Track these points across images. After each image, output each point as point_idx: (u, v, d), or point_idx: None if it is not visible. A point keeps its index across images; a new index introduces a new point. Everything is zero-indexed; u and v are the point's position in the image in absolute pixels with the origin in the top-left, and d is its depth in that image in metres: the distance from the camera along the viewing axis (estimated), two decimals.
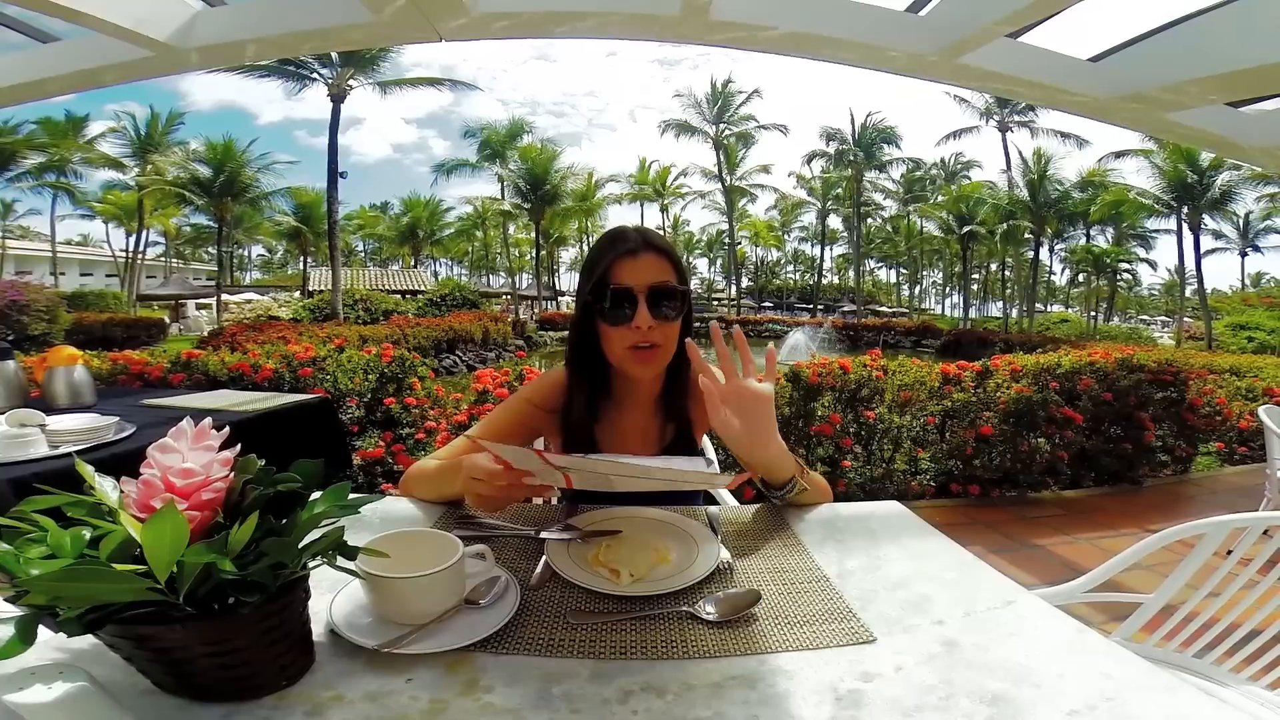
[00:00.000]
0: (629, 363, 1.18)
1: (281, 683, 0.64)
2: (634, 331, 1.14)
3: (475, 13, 2.54)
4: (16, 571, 0.52)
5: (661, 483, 0.86)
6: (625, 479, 0.86)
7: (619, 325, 1.15)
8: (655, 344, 1.16)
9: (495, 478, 0.91)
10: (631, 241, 1.17)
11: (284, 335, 10.30)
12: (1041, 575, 3.02)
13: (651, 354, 1.17)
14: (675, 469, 0.82)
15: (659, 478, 0.83)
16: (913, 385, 4.37)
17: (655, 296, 1.14)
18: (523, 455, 0.86)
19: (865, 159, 33.94)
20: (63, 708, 0.48)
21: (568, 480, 0.90)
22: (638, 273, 1.14)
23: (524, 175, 27.60)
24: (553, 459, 0.81)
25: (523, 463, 0.89)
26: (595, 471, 0.84)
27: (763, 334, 29.58)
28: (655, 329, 1.14)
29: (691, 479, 0.83)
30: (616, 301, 1.14)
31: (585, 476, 0.88)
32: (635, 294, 1.13)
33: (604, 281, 1.15)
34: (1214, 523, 1.31)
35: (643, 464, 0.82)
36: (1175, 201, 23.64)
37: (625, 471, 0.82)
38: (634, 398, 1.30)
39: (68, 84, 3.15)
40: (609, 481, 0.89)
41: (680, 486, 0.85)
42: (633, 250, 1.16)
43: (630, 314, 1.13)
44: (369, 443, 3.93)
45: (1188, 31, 2.55)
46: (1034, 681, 0.68)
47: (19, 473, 1.62)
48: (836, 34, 2.66)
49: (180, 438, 0.64)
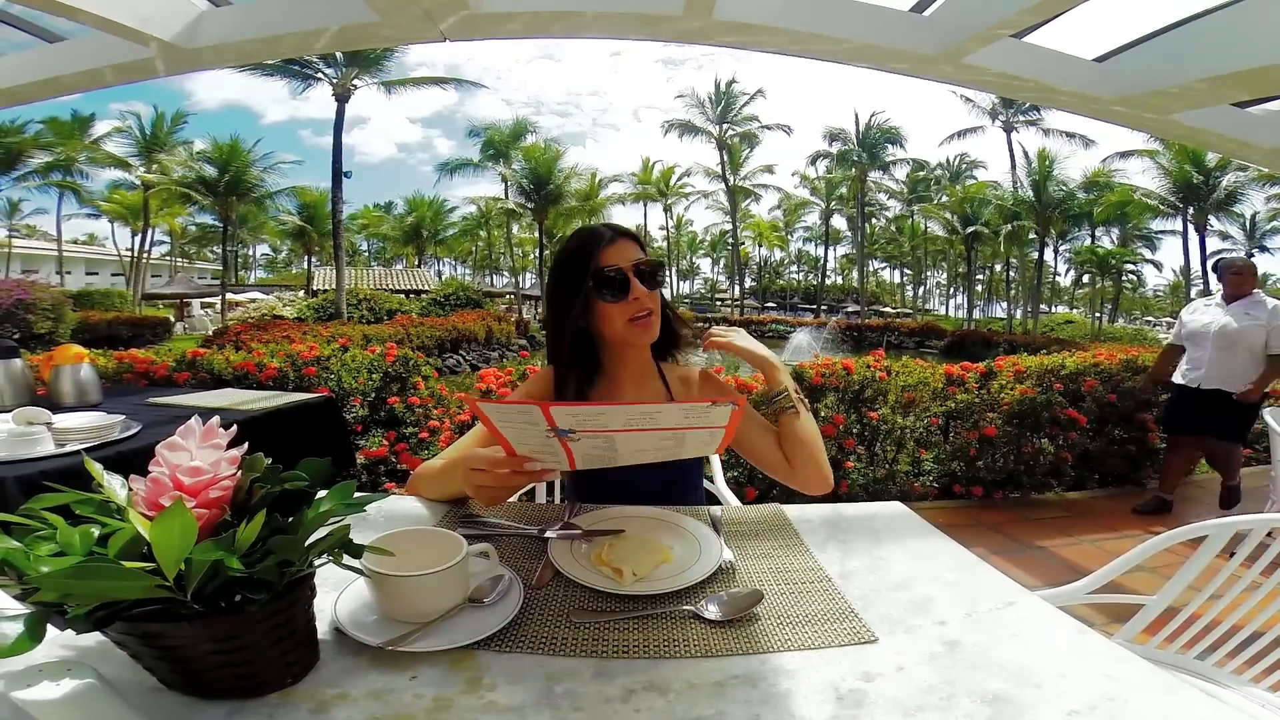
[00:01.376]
0: (631, 333, 1.30)
1: (287, 680, 0.64)
2: (633, 303, 1.28)
3: (479, 12, 2.55)
4: (26, 569, 0.52)
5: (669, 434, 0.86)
6: (630, 441, 0.86)
7: (618, 301, 1.28)
8: (651, 310, 1.30)
9: (496, 465, 0.92)
10: (606, 234, 1.33)
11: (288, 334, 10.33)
12: (1044, 577, 3.02)
13: (649, 320, 1.30)
14: (680, 406, 0.84)
15: (666, 424, 0.84)
16: (916, 386, 4.36)
17: (641, 272, 1.29)
18: (524, 413, 0.85)
19: (869, 159, 33.91)
20: (70, 705, 0.49)
21: (570, 460, 0.89)
22: (621, 255, 1.29)
23: (527, 175, 27.63)
24: (557, 413, 0.81)
25: (526, 431, 0.88)
26: (602, 430, 0.84)
27: (766, 334, 29.56)
28: (649, 297, 1.30)
29: (696, 416, 0.84)
30: (612, 282, 1.27)
31: (588, 448, 0.88)
32: (626, 271, 1.27)
33: (598, 268, 1.27)
34: (1217, 524, 1.31)
35: (648, 409, 0.83)
36: (1181, 202, 23.58)
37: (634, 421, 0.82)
38: (627, 371, 1.40)
39: (74, 83, 3.17)
40: (614, 451, 0.89)
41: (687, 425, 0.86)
42: (610, 239, 1.31)
43: (626, 290, 1.27)
44: (373, 442, 3.94)
45: (1193, 31, 2.54)
46: (1035, 682, 0.68)
47: (26, 470, 1.63)
48: (840, 34, 2.66)
49: (188, 436, 0.65)
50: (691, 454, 0.94)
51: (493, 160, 29.62)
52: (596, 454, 0.90)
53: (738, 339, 1.35)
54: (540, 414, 0.81)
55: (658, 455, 0.92)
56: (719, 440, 0.90)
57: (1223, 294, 3.89)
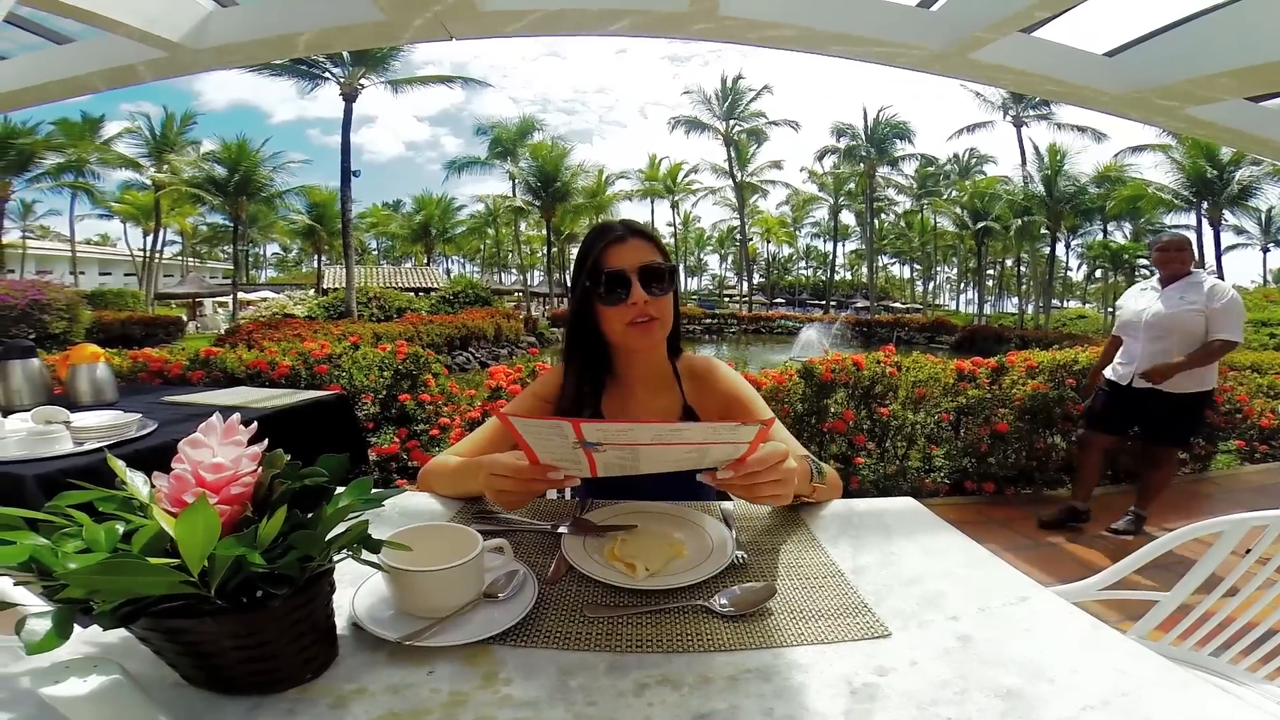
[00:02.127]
0: (629, 337, 1.25)
1: (306, 675, 0.65)
2: (631, 308, 1.22)
3: (485, 10, 2.55)
4: (54, 565, 0.53)
5: (693, 448, 0.86)
6: (654, 453, 0.86)
7: (616, 305, 1.22)
8: (651, 317, 1.24)
9: (519, 474, 0.92)
10: (618, 230, 1.27)
11: (299, 333, 10.41)
12: (1056, 573, 3.00)
13: (649, 326, 1.24)
14: (708, 425, 0.84)
15: (693, 439, 0.85)
16: (927, 382, 4.34)
17: (646, 275, 1.22)
18: (555, 428, 0.85)
19: (878, 155, 33.72)
20: (98, 701, 0.49)
21: (592, 467, 0.90)
22: (627, 256, 1.23)
23: (535, 173, 27.67)
24: (587, 429, 0.81)
25: (553, 442, 0.89)
26: (629, 444, 0.84)
27: (775, 330, 29.46)
28: (650, 304, 1.22)
29: (723, 434, 0.84)
30: (612, 284, 1.22)
31: (612, 458, 0.88)
32: (628, 275, 1.21)
33: (598, 267, 1.23)
34: (1232, 520, 1.30)
35: (677, 426, 0.83)
36: (1195, 197, 23.30)
37: (662, 436, 0.82)
38: (639, 377, 1.36)
39: (83, 85, 3.18)
40: (636, 461, 0.90)
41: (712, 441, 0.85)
42: (620, 237, 1.25)
43: (625, 293, 1.21)
44: (384, 439, 3.97)
45: (1206, 25, 2.51)
46: (1049, 677, 0.68)
47: (46, 469, 1.65)
48: (847, 30, 2.65)
49: (210, 433, 0.65)
50: (713, 465, 0.92)
51: (500, 158, 29.68)
52: (619, 463, 0.91)
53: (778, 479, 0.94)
54: (571, 429, 0.82)
55: (679, 466, 0.92)
56: (741, 455, 0.90)
57: (1158, 276, 3.43)
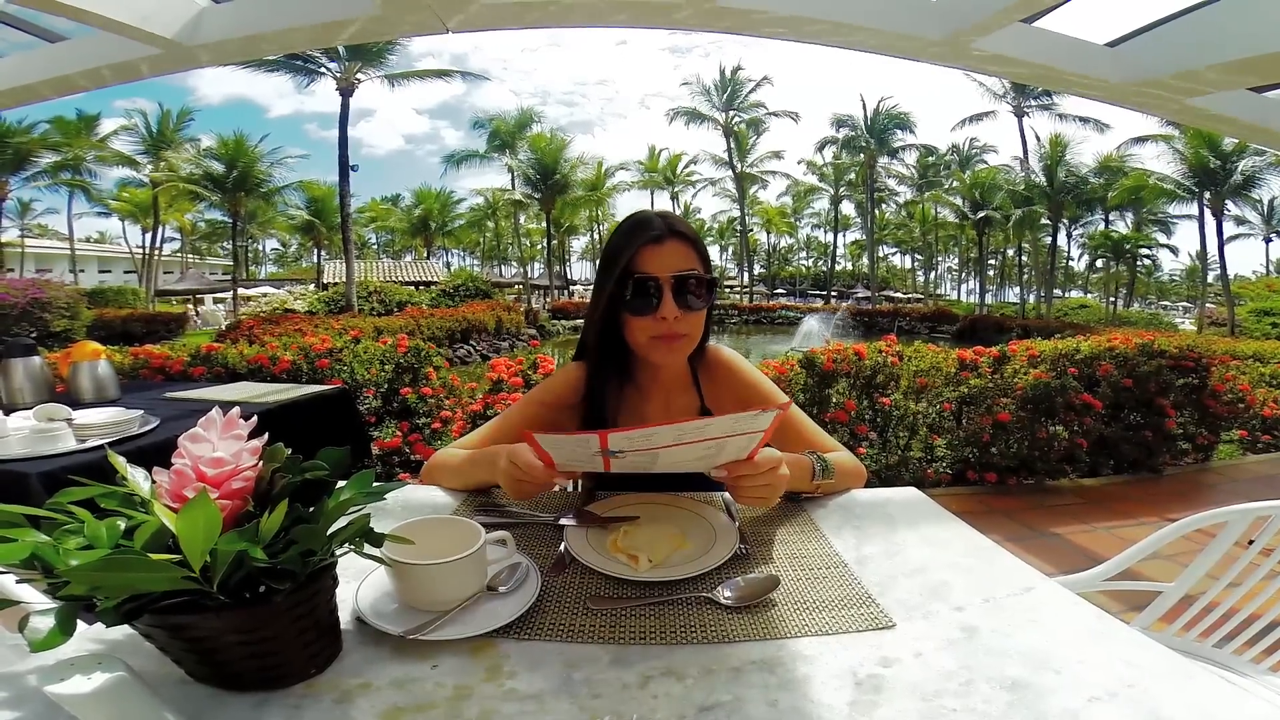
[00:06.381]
0: (653, 351, 1.15)
1: (311, 670, 0.65)
2: (659, 322, 1.10)
3: (480, 2, 2.53)
4: (56, 562, 0.53)
5: (711, 444, 0.86)
6: (672, 454, 0.86)
7: (643, 315, 1.11)
8: (680, 334, 1.12)
9: (534, 471, 0.92)
10: (656, 228, 1.12)
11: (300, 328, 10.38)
12: (1059, 564, 3.00)
13: (675, 343, 1.13)
14: (730, 417, 0.83)
15: (715, 434, 0.84)
16: (929, 371, 4.34)
17: (680, 285, 1.09)
18: (580, 442, 0.84)
19: (878, 145, 33.57)
20: (102, 698, 0.49)
21: (606, 465, 0.90)
22: (663, 261, 1.10)
23: (534, 165, 27.62)
24: (614, 439, 0.81)
25: (575, 451, 0.88)
26: (651, 448, 0.84)
27: (776, 321, 29.42)
28: (681, 319, 1.10)
29: (744, 424, 0.83)
30: (641, 291, 1.09)
31: (630, 459, 0.88)
32: (661, 283, 1.09)
33: (628, 270, 1.10)
34: (1236, 510, 1.30)
35: (700, 423, 0.82)
36: (1197, 186, 23.17)
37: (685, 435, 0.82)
38: (657, 383, 1.28)
39: (77, 82, 3.18)
40: (654, 462, 0.89)
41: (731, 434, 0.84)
42: (658, 237, 1.11)
43: (655, 304, 1.09)
44: (386, 433, 3.97)
45: (1209, 16, 2.50)
46: (1054, 667, 0.68)
47: (49, 466, 1.65)
48: (846, 19, 2.63)
49: (210, 427, 0.65)
50: (727, 460, 0.90)
51: (499, 151, 29.63)
52: (636, 464, 0.91)
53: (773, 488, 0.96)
54: (597, 441, 0.82)
55: (694, 466, 0.91)
56: (755, 444, 0.89)
57: None
